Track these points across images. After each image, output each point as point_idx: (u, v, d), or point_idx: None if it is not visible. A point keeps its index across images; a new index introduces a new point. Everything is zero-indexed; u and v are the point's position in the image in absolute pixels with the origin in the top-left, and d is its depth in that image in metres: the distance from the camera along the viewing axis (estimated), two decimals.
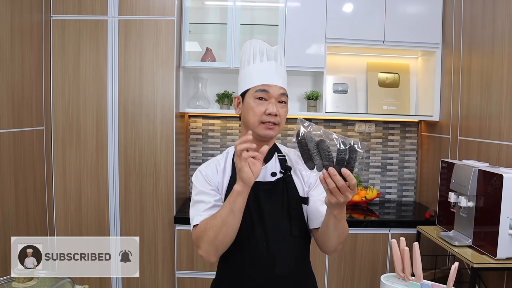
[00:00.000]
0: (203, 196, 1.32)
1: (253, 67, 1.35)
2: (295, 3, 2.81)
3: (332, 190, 1.08)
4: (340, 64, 3.18)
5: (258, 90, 1.30)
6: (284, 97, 1.33)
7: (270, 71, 1.33)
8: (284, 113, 1.33)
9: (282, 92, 1.32)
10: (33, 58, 2.43)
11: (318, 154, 1.09)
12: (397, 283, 1.10)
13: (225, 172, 1.36)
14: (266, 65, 1.34)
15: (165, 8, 2.60)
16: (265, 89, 1.30)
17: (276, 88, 1.31)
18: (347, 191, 1.08)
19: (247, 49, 1.38)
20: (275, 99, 1.30)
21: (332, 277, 2.69)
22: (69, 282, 1.20)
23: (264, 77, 1.32)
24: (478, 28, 2.44)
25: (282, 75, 1.37)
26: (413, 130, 3.28)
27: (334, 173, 1.07)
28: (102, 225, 2.66)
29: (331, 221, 1.20)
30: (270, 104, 1.29)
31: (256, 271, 1.31)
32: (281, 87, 1.33)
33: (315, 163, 1.10)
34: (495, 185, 1.90)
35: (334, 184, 1.07)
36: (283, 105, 1.33)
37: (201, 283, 2.66)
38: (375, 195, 3.06)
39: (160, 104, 2.64)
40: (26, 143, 2.37)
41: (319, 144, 1.09)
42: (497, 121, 2.23)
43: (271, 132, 1.30)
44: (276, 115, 1.29)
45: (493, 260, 1.89)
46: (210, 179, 1.34)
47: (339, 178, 1.07)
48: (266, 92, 1.30)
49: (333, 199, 1.10)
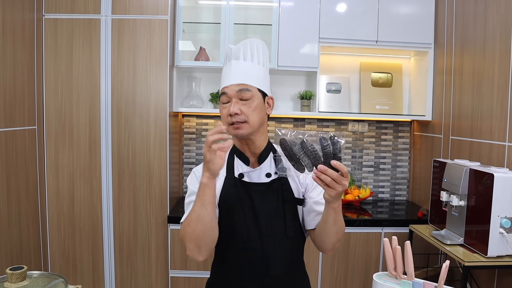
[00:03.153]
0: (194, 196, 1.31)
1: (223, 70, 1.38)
2: (289, 3, 2.81)
3: (329, 183, 1.10)
4: (334, 64, 3.20)
5: (221, 94, 1.33)
6: (244, 92, 1.29)
7: (228, 73, 1.33)
8: (249, 108, 1.28)
9: (240, 88, 1.29)
10: (25, 57, 2.41)
11: (305, 154, 1.11)
12: (389, 281, 1.11)
13: (219, 175, 1.36)
14: (227, 67, 1.36)
15: (158, 7, 2.59)
16: (224, 92, 1.31)
17: (233, 86, 1.30)
18: (342, 180, 1.10)
19: None
20: (234, 98, 1.29)
21: (326, 276, 2.70)
22: (62, 282, 1.20)
23: (223, 80, 1.34)
24: (470, 29, 2.46)
25: (243, 70, 1.32)
26: (405, 130, 3.30)
27: (325, 168, 1.09)
28: (95, 225, 2.65)
29: (331, 216, 1.21)
30: (231, 105, 1.28)
31: (251, 271, 1.31)
32: (239, 83, 1.29)
33: (304, 164, 1.12)
34: (486, 184, 1.92)
35: (329, 178, 1.09)
36: (246, 102, 1.29)
37: (195, 282, 2.66)
38: (368, 194, 3.07)
39: (153, 104, 2.63)
40: (18, 143, 2.36)
41: (302, 145, 1.11)
42: (488, 121, 2.25)
43: (239, 131, 1.28)
44: (237, 114, 1.27)
45: (484, 258, 1.91)
46: None
47: (331, 171, 1.09)
48: (226, 95, 1.31)
49: (332, 192, 1.12)
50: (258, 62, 1.35)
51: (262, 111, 1.33)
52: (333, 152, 1.10)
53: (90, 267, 2.68)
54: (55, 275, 1.24)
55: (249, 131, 1.30)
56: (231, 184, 1.33)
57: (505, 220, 1.88)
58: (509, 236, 1.89)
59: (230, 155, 1.39)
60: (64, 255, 2.67)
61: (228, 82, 1.31)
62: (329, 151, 1.10)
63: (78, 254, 2.67)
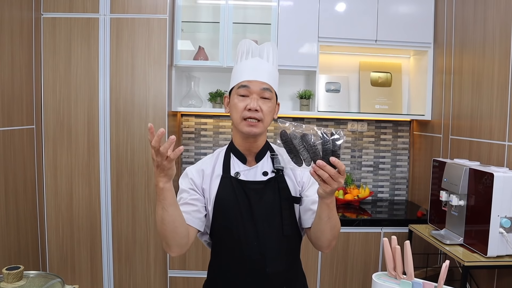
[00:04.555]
0: (182, 193, 1.33)
1: (239, 65, 1.36)
2: (288, 2, 2.80)
3: (326, 179, 1.10)
4: (333, 63, 3.19)
5: (240, 86, 1.31)
6: (267, 92, 1.30)
7: (253, 67, 1.33)
8: (268, 109, 1.31)
9: (265, 87, 1.30)
10: (24, 56, 2.40)
11: (304, 148, 1.12)
12: (388, 281, 1.10)
13: (213, 177, 1.35)
14: (250, 62, 1.34)
15: (157, 7, 2.58)
16: (245, 85, 1.30)
17: (257, 83, 1.30)
18: (339, 177, 1.10)
19: (237, 49, 1.40)
20: (256, 94, 1.29)
21: (325, 276, 2.70)
22: (59, 282, 1.19)
23: (246, 73, 1.32)
24: (469, 28, 2.45)
25: (267, 70, 1.34)
26: (405, 129, 3.30)
27: (324, 164, 1.09)
28: (93, 224, 2.64)
29: (325, 212, 1.21)
30: (251, 100, 1.28)
31: (247, 270, 1.30)
32: (263, 82, 1.31)
33: (302, 158, 1.12)
34: (486, 183, 1.92)
35: (326, 174, 1.09)
36: (266, 101, 1.31)
37: (193, 282, 2.66)
38: (367, 194, 3.07)
39: (152, 103, 2.62)
40: (17, 142, 2.35)
41: (303, 139, 1.11)
42: (488, 120, 2.24)
43: (253, 129, 1.29)
44: (257, 111, 1.27)
45: (484, 258, 1.91)
46: (195, 181, 1.35)
47: (330, 167, 1.09)
48: (247, 88, 1.29)
49: (327, 188, 1.12)
50: (276, 67, 1.39)
51: (272, 114, 1.35)
52: (332, 149, 1.10)
53: (88, 267, 2.67)
54: (52, 275, 1.23)
55: (261, 131, 1.31)
56: (227, 183, 1.32)
57: (505, 219, 1.87)
58: (509, 235, 1.88)
59: (226, 154, 1.39)
60: (62, 255, 2.66)
61: (253, 77, 1.31)
62: (329, 148, 1.10)
63: (77, 254, 2.66)
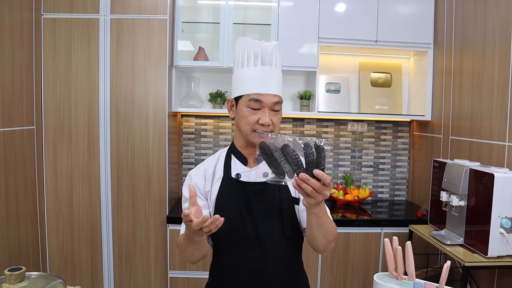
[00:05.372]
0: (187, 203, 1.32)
1: (247, 71, 1.31)
2: (288, 3, 2.81)
3: (310, 193, 1.05)
4: (333, 64, 3.19)
5: (252, 99, 1.27)
6: (278, 105, 1.30)
7: (265, 78, 1.29)
8: (278, 120, 1.31)
9: (276, 100, 1.29)
10: (24, 56, 2.40)
11: (286, 161, 1.05)
12: (390, 282, 1.10)
13: (215, 178, 1.36)
14: (261, 70, 1.30)
15: (157, 7, 2.58)
16: (258, 99, 1.27)
17: (270, 96, 1.28)
18: (324, 190, 1.05)
19: (241, 49, 1.34)
20: (268, 108, 1.28)
21: (325, 276, 2.70)
22: (60, 283, 1.19)
23: (258, 84, 1.28)
24: (469, 29, 2.46)
25: (277, 80, 1.32)
26: (405, 130, 3.30)
27: (307, 177, 1.03)
28: (94, 225, 2.64)
29: (313, 220, 1.18)
30: (263, 114, 1.26)
31: (249, 271, 1.31)
32: (275, 95, 1.29)
33: (284, 170, 1.06)
34: (486, 184, 1.92)
35: (310, 187, 1.04)
36: (276, 112, 1.30)
37: (194, 283, 2.66)
38: (368, 194, 3.07)
39: (152, 104, 2.62)
40: (17, 143, 2.35)
41: (284, 150, 1.05)
42: (488, 121, 2.25)
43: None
44: (269, 125, 1.27)
45: (484, 258, 1.91)
46: (199, 185, 1.36)
47: (313, 180, 1.03)
48: (260, 102, 1.27)
49: (312, 201, 1.08)
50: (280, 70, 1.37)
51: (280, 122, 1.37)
52: (316, 160, 1.03)
53: (89, 267, 2.67)
54: (54, 276, 1.23)
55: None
56: (228, 184, 1.32)
57: (505, 220, 1.87)
58: (509, 236, 1.88)
59: (227, 155, 1.39)
60: (62, 256, 2.66)
61: (265, 90, 1.28)
62: (312, 159, 1.02)
63: (77, 254, 2.66)
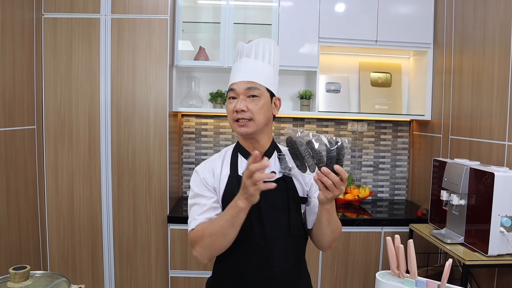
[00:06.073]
0: (199, 198, 1.31)
1: (232, 68, 1.38)
2: (288, 3, 2.81)
3: (329, 186, 1.13)
4: (333, 64, 3.20)
5: (229, 90, 1.33)
6: (253, 90, 1.29)
7: (239, 68, 1.34)
8: (256, 106, 1.29)
9: (249, 86, 1.29)
10: (25, 56, 2.41)
11: (310, 155, 1.14)
12: (392, 280, 1.11)
13: (222, 175, 1.35)
14: (238, 63, 1.36)
15: (158, 7, 2.59)
16: (232, 88, 1.32)
17: (242, 84, 1.30)
18: (341, 185, 1.14)
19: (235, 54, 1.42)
20: (242, 95, 1.30)
21: (326, 275, 2.70)
22: (64, 281, 1.19)
23: (233, 76, 1.34)
24: (469, 28, 2.47)
25: (254, 69, 1.33)
26: (405, 129, 3.31)
27: (328, 171, 1.12)
28: (94, 225, 2.65)
29: (324, 216, 1.25)
30: (238, 101, 1.29)
31: (254, 270, 1.31)
32: (248, 81, 1.30)
33: (307, 165, 1.15)
34: (486, 183, 1.93)
35: (330, 181, 1.12)
36: (255, 99, 1.30)
37: (195, 282, 2.66)
38: (368, 193, 3.08)
39: (153, 103, 2.63)
40: (18, 142, 2.35)
41: (309, 145, 1.14)
42: (488, 120, 2.26)
43: (244, 129, 1.29)
44: (243, 111, 1.28)
45: (484, 257, 1.92)
46: (207, 180, 1.33)
47: (333, 175, 1.13)
48: (234, 91, 1.31)
49: (329, 194, 1.15)
50: (269, 62, 1.36)
51: (268, 111, 1.33)
52: (337, 157, 1.13)
53: (89, 267, 2.67)
54: (58, 274, 1.23)
55: (254, 130, 1.30)
56: (235, 183, 1.32)
57: (506, 219, 1.88)
58: (510, 235, 1.89)
59: (234, 153, 1.39)
60: (63, 255, 2.66)
61: (237, 79, 1.32)
62: (333, 155, 1.13)
63: (78, 254, 2.66)
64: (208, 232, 1.21)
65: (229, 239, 1.21)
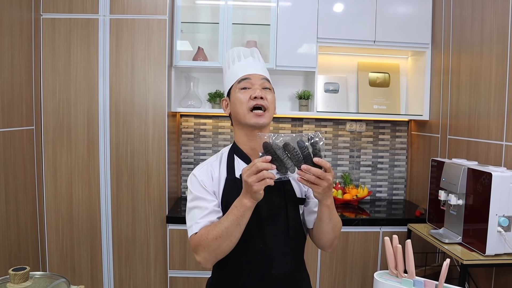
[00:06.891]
0: (199, 202, 1.29)
1: (233, 67, 1.39)
2: (287, 3, 2.82)
3: (314, 181, 1.13)
4: (331, 64, 3.21)
5: (241, 80, 1.34)
6: (267, 83, 1.36)
7: (249, 64, 1.38)
8: (271, 98, 1.34)
9: (264, 77, 1.36)
10: (23, 57, 2.40)
11: (288, 157, 1.13)
12: (390, 280, 1.11)
13: (220, 177, 1.34)
14: (244, 61, 1.39)
15: (156, 7, 2.59)
16: (247, 78, 1.34)
17: (257, 76, 1.35)
18: (326, 175, 1.13)
19: (226, 56, 1.44)
20: (258, 85, 1.33)
21: (324, 274, 2.71)
22: (64, 282, 1.20)
23: (243, 70, 1.36)
24: (467, 29, 2.47)
25: (262, 67, 1.40)
26: (403, 129, 3.32)
27: (308, 167, 1.12)
28: (93, 225, 2.65)
29: (325, 213, 1.25)
30: (255, 90, 1.31)
31: (253, 271, 1.31)
32: (262, 75, 1.36)
33: (287, 166, 1.13)
34: (484, 183, 1.94)
35: (313, 176, 1.12)
36: (268, 91, 1.35)
37: (194, 282, 2.66)
38: (366, 193, 3.08)
39: (152, 104, 2.63)
40: (16, 143, 2.35)
41: (285, 148, 1.13)
42: (486, 120, 2.27)
43: (261, 119, 1.31)
44: (262, 98, 1.30)
45: (482, 256, 1.93)
46: (206, 183, 1.32)
47: (315, 169, 1.12)
48: (249, 80, 1.33)
49: (319, 188, 1.14)
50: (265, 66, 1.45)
51: (275, 106, 1.38)
52: (313, 153, 1.13)
53: (88, 267, 2.67)
54: (57, 275, 1.24)
55: (268, 121, 1.33)
56: (232, 185, 1.32)
57: (503, 218, 1.89)
58: (507, 234, 1.90)
59: (230, 156, 1.39)
60: (62, 256, 2.66)
61: (252, 71, 1.35)
62: (308, 153, 1.12)
63: (77, 254, 2.67)
64: (213, 234, 1.20)
65: (235, 240, 1.21)
